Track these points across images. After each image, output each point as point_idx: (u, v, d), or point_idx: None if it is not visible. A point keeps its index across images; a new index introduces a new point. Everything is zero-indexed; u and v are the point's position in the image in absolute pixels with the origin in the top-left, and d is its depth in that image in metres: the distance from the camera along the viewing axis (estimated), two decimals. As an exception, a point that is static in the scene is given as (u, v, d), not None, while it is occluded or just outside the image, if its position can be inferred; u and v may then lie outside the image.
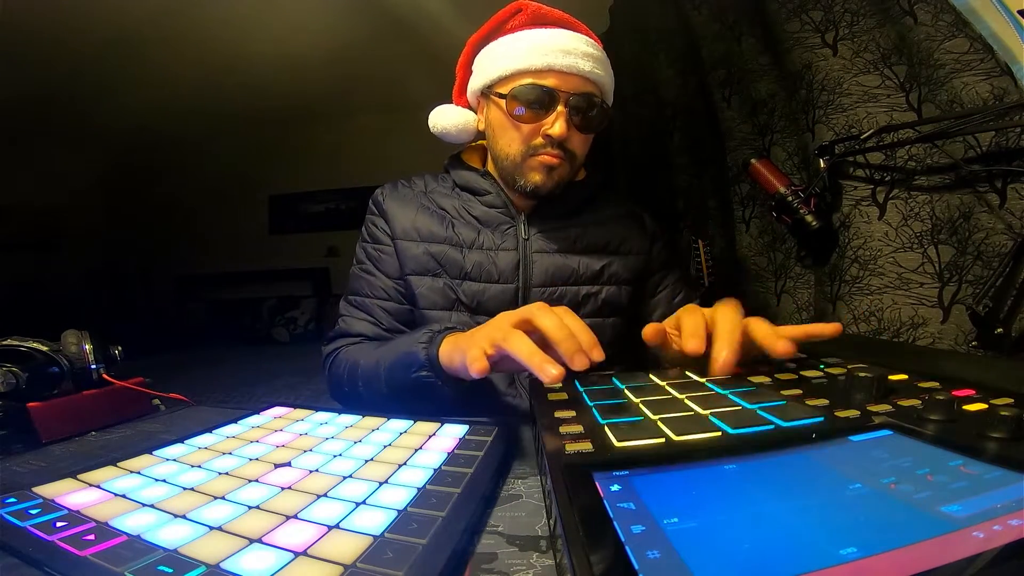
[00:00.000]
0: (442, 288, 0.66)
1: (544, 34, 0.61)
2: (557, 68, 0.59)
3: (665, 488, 0.24)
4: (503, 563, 0.25)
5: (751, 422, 0.30)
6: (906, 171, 0.90)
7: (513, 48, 0.61)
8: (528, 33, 0.62)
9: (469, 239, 0.67)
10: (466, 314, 0.66)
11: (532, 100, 0.60)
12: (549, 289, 0.66)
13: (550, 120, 0.60)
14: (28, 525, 0.27)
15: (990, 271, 0.78)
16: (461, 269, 0.66)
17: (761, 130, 1.24)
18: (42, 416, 0.50)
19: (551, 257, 0.67)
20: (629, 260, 0.71)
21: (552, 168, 0.62)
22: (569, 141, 0.62)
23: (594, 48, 0.63)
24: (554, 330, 0.40)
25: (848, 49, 0.96)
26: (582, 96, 0.60)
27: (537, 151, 0.62)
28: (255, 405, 0.51)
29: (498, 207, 0.68)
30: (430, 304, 0.67)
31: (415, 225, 0.68)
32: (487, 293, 0.65)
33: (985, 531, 0.19)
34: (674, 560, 0.18)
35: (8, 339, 0.53)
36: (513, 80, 0.61)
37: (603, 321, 0.69)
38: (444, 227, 0.68)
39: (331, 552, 0.24)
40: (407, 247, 0.67)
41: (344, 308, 0.71)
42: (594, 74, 0.61)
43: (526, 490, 0.33)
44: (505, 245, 0.67)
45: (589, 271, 0.68)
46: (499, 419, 0.43)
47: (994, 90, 0.76)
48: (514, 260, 0.66)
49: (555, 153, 0.62)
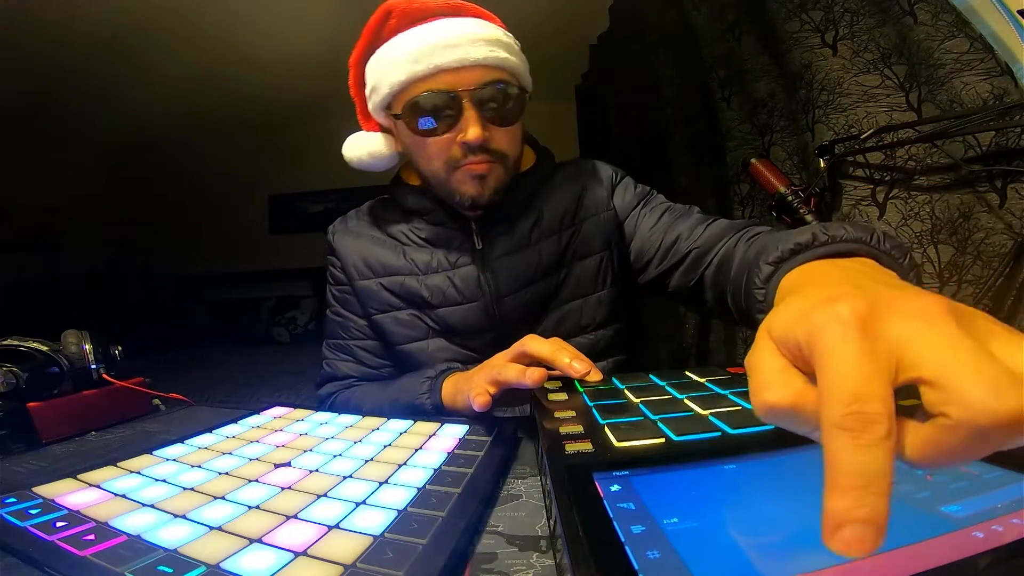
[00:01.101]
0: (409, 319, 0.64)
1: (422, 32, 0.53)
2: (446, 66, 0.52)
3: (665, 488, 0.24)
4: (503, 563, 0.25)
5: (751, 422, 0.30)
6: (906, 171, 0.90)
7: (393, 59, 0.54)
8: (405, 36, 0.54)
9: (424, 263, 0.63)
10: (442, 339, 0.64)
11: (432, 110, 0.53)
12: (519, 293, 0.62)
13: (461, 126, 0.53)
14: (28, 525, 0.27)
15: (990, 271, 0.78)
16: (421, 297, 0.62)
17: (761, 130, 1.24)
18: (42, 416, 0.50)
19: (512, 258, 0.62)
20: (596, 221, 0.64)
21: (482, 176, 0.56)
22: (492, 141, 0.55)
23: (487, 28, 0.55)
24: (549, 351, 0.42)
25: (848, 49, 0.96)
26: (487, 87, 0.52)
27: (459, 163, 0.55)
28: (255, 405, 0.51)
29: (446, 223, 0.63)
30: (404, 338, 0.64)
31: (367, 261, 0.65)
32: (456, 315, 0.62)
33: (985, 531, 0.19)
34: (674, 560, 0.18)
35: (8, 339, 0.53)
36: (405, 94, 0.54)
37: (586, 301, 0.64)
38: (397, 256, 0.64)
39: (331, 552, 0.24)
40: (364, 286, 0.65)
41: (327, 351, 0.70)
42: (493, 58, 0.53)
43: (526, 490, 0.33)
44: (461, 261, 0.62)
45: (552, 256, 0.62)
46: (499, 419, 0.43)
47: (994, 90, 0.75)
48: (474, 274, 0.61)
49: (480, 159, 0.55)
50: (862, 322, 0.17)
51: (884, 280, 0.25)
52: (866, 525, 0.15)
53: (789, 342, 0.20)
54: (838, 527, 0.15)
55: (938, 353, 0.16)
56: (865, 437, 0.15)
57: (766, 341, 0.21)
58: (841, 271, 0.30)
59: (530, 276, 0.62)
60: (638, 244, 0.65)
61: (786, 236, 0.36)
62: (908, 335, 0.17)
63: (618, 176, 0.70)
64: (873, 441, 0.15)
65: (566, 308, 0.64)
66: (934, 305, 0.18)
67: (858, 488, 0.15)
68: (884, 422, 0.15)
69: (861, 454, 0.15)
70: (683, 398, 0.35)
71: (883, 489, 0.15)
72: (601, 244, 0.64)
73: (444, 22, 0.54)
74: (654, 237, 0.64)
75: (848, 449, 0.15)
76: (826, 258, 0.33)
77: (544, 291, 0.63)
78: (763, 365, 0.20)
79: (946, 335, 0.16)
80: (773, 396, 0.19)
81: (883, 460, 0.15)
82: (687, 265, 0.60)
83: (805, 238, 0.34)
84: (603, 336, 0.65)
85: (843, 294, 0.19)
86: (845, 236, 0.34)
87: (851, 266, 0.31)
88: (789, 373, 0.20)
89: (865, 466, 0.15)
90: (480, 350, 0.64)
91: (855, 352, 0.17)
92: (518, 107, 0.56)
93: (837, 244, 0.33)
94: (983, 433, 0.15)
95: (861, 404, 0.16)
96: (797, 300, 0.21)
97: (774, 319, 0.21)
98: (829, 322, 0.18)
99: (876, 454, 0.15)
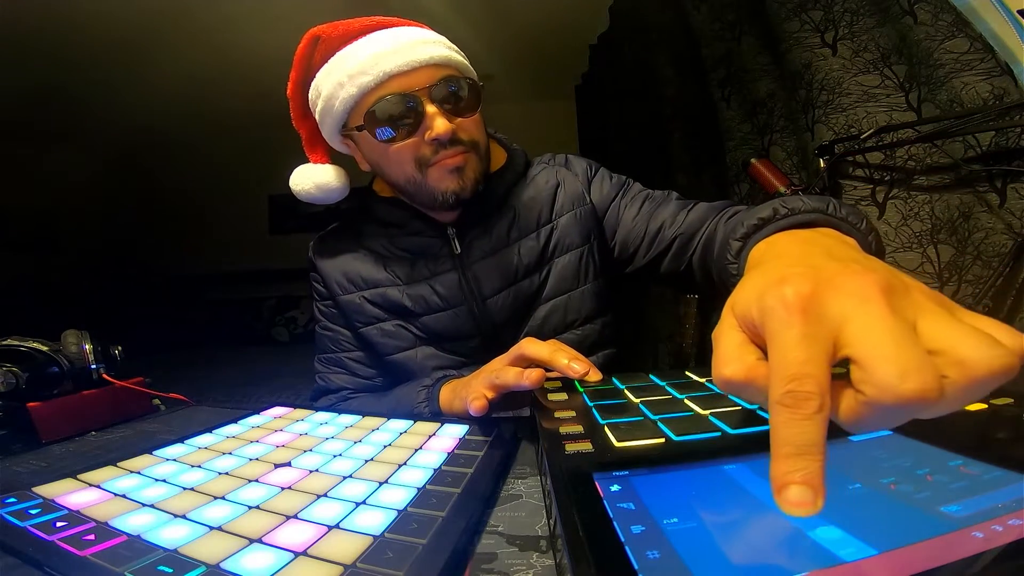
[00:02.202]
0: (395, 330, 0.64)
1: (360, 46, 0.53)
2: (395, 71, 0.52)
3: (665, 488, 0.24)
4: (503, 563, 0.25)
5: (751, 422, 0.30)
6: (906, 171, 0.90)
7: (337, 77, 0.53)
8: (343, 54, 0.54)
9: (405, 274, 0.63)
10: (430, 347, 0.64)
11: (392, 116, 0.52)
12: (502, 294, 0.62)
13: (426, 124, 0.53)
14: (28, 525, 0.27)
15: (990, 271, 0.78)
16: (404, 307, 0.62)
17: (761, 130, 1.24)
18: (42, 416, 0.50)
19: (491, 260, 0.62)
20: (574, 216, 0.64)
21: (460, 168, 0.56)
22: (460, 132, 0.55)
23: (420, 32, 0.56)
24: (547, 353, 0.42)
25: (848, 49, 0.96)
26: (440, 84, 0.53)
27: (431, 160, 0.55)
28: (255, 405, 0.51)
29: (422, 232, 0.63)
30: (392, 348, 0.64)
31: (348, 276, 0.65)
32: (441, 322, 0.62)
33: (985, 531, 0.19)
34: (674, 560, 0.18)
35: (8, 339, 0.53)
36: (360, 107, 0.54)
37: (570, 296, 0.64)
38: (378, 268, 0.64)
39: (331, 552, 0.24)
40: (347, 300, 0.65)
41: (318, 366, 0.71)
42: (439, 56, 0.54)
43: (526, 490, 0.33)
44: (441, 268, 0.62)
45: (531, 254, 0.62)
46: (499, 419, 0.43)
47: (994, 90, 0.76)
48: (455, 280, 0.61)
49: (454, 152, 0.55)
50: (805, 304, 0.20)
51: (838, 252, 0.27)
52: (803, 486, 0.17)
53: (747, 320, 0.22)
54: (781, 489, 0.18)
55: (864, 334, 0.18)
56: (800, 412, 0.18)
57: (729, 317, 0.23)
58: (801, 244, 0.32)
59: (512, 276, 0.62)
60: (622, 235, 0.65)
61: (751, 212, 0.39)
62: (845, 315, 0.19)
63: (593, 169, 0.69)
64: (806, 415, 0.18)
65: (550, 305, 0.64)
66: (870, 285, 0.20)
67: (794, 456, 0.18)
68: (816, 399, 0.18)
69: (796, 426, 0.18)
70: (683, 398, 0.35)
71: (817, 455, 0.17)
72: (580, 239, 0.64)
73: (377, 34, 0.54)
74: (638, 227, 0.64)
75: (786, 423, 0.18)
76: (788, 230, 0.36)
77: (527, 290, 0.63)
78: (724, 340, 0.23)
79: (875, 316, 0.19)
80: (729, 370, 0.21)
81: (815, 431, 0.18)
82: (674, 251, 0.61)
83: (767, 213, 0.38)
84: (591, 331, 0.65)
85: (791, 275, 0.21)
86: (803, 207, 0.37)
87: (812, 237, 0.33)
88: (745, 349, 0.22)
89: (800, 436, 0.18)
90: (469, 354, 0.64)
91: (796, 336, 0.19)
92: (474, 96, 0.56)
93: (796, 216, 0.36)
94: (891, 409, 0.17)
95: (798, 383, 0.18)
96: (755, 277, 0.24)
97: (736, 296, 0.24)
98: (776, 305, 0.20)
99: (808, 426, 0.18)
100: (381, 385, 0.68)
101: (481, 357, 0.64)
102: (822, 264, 0.24)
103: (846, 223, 0.36)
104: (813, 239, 0.32)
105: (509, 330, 0.64)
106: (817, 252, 0.28)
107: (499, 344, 0.63)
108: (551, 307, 0.64)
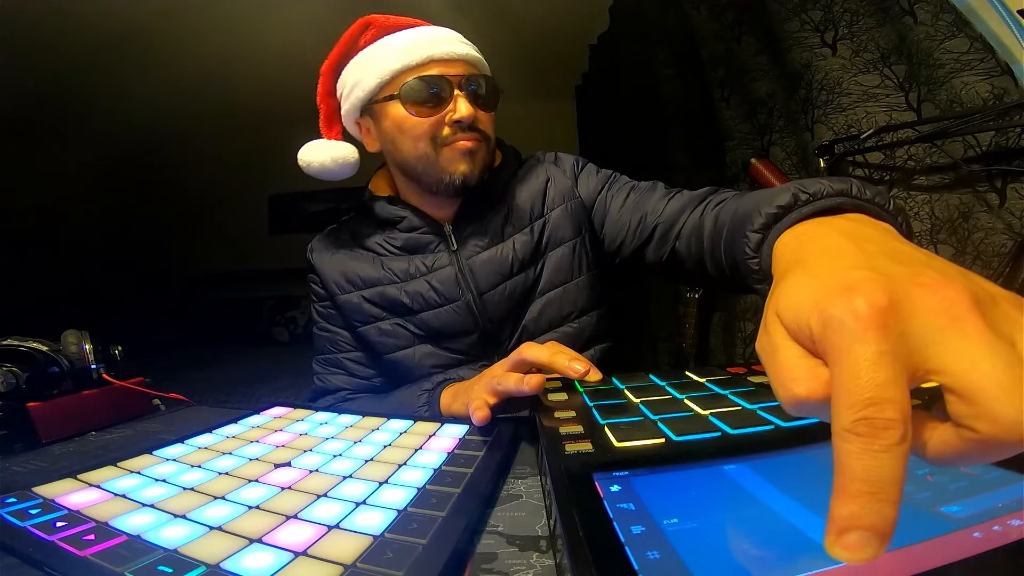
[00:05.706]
0: (393, 329, 0.64)
1: (409, 32, 0.60)
2: (438, 57, 0.58)
3: (665, 488, 0.24)
4: (503, 563, 0.25)
5: (751, 422, 0.30)
6: (905, 171, 0.90)
7: (385, 54, 0.59)
8: (393, 37, 0.60)
9: (402, 271, 0.64)
10: (428, 345, 0.64)
11: (427, 91, 0.57)
12: (499, 288, 0.63)
13: (451, 106, 0.58)
14: (28, 525, 0.27)
15: (990, 271, 0.78)
16: (403, 304, 0.63)
17: (760, 130, 1.24)
18: (42, 416, 0.50)
19: (487, 255, 0.63)
20: (564, 210, 0.66)
21: (472, 152, 0.60)
22: (478, 122, 0.60)
23: (459, 34, 0.62)
24: (547, 355, 0.42)
25: (847, 49, 0.96)
26: (471, 77, 0.59)
27: (448, 140, 0.59)
28: (255, 405, 0.51)
29: (419, 228, 0.65)
30: (390, 347, 0.65)
31: (346, 275, 0.66)
32: (439, 318, 0.63)
33: (985, 531, 0.19)
34: (674, 560, 0.18)
35: (8, 339, 0.53)
36: (397, 82, 0.58)
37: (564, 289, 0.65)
38: (376, 267, 0.65)
39: (331, 552, 0.24)
40: (345, 301, 0.66)
41: (316, 367, 0.71)
42: (474, 56, 0.61)
43: (526, 490, 0.33)
44: (438, 263, 0.63)
45: (526, 248, 0.64)
46: (499, 419, 0.43)
47: (994, 90, 0.75)
48: (452, 275, 0.63)
49: (470, 136, 0.59)
50: (882, 319, 0.16)
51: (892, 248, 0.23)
52: (871, 533, 0.14)
53: (802, 331, 0.19)
54: (842, 532, 0.15)
55: (966, 362, 0.15)
56: (877, 443, 0.15)
57: (777, 327, 0.20)
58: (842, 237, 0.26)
59: (507, 270, 0.63)
60: (609, 227, 0.67)
61: (766, 198, 0.34)
62: (933, 337, 0.16)
63: (580, 164, 0.71)
64: (885, 447, 0.15)
65: (546, 299, 0.65)
66: (958, 299, 0.16)
67: (866, 494, 0.15)
68: (898, 428, 0.15)
69: (872, 459, 0.15)
70: (683, 398, 0.36)
71: (893, 497, 0.14)
72: (572, 232, 0.66)
73: (423, 28, 0.61)
74: (623, 218, 0.65)
75: (859, 455, 0.15)
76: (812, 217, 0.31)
77: (523, 283, 0.64)
78: (783, 354, 0.19)
79: (974, 340, 0.16)
80: (803, 388, 0.18)
81: (895, 467, 0.15)
82: (656, 240, 0.61)
83: (786, 199, 0.32)
84: (587, 323, 0.66)
85: (859, 281, 0.18)
86: (827, 191, 0.32)
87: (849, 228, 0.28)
88: (814, 363, 0.19)
89: (875, 472, 0.15)
90: (466, 352, 0.64)
91: (873, 354, 0.16)
92: (495, 96, 0.62)
93: (820, 201, 0.32)
94: (1008, 447, 0.15)
95: (877, 409, 0.15)
96: (806, 280, 0.20)
97: (783, 302, 0.20)
98: (846, 318, 0.17)
99: (888, 460, 0.15)
100: (379, 386, 0.68)
101: (479, 354, 0.64)
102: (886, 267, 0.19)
103: (874, 205, 0.32)
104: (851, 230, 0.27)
105: (506, 325, 0.64)
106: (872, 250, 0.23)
107: (497, 339, 0.64)
108: (546, 300, 0.65)
